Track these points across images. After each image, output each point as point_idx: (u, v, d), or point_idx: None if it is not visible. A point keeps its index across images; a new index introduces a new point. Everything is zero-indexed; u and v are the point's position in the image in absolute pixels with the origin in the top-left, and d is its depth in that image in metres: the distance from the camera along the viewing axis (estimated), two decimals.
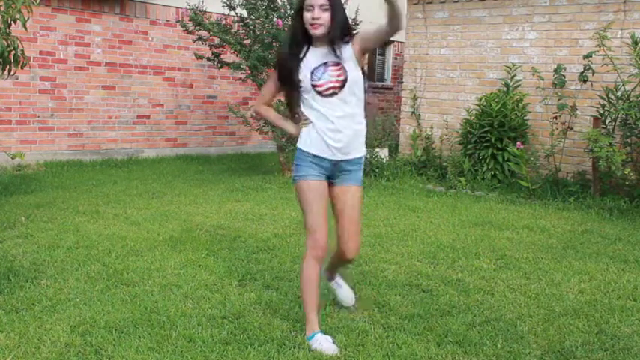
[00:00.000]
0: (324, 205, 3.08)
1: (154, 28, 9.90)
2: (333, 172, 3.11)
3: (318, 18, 2.95)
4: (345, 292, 3.58)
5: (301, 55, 3.08)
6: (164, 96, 10.11)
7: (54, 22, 8.78)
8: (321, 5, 2.96)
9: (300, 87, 3.06)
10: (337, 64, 3.02)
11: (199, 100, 10.58)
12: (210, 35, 8.42)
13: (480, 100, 8.28)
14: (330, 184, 3.14)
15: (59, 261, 4.28)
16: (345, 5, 3.14)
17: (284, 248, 4.82)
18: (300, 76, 3.05)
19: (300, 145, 3.10)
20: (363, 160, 3.18)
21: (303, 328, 3.24)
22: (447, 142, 9.04)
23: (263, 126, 8.59)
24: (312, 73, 3.02)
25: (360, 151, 3.14)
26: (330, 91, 3.00)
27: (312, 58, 3.05)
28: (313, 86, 3.03)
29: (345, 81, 3.00)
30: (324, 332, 3.13)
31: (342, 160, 3.08)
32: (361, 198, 3.19)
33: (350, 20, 3.35)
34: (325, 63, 3.02)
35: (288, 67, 3.09)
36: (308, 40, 3.07)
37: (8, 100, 8.44)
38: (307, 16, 2.98)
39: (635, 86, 7.04)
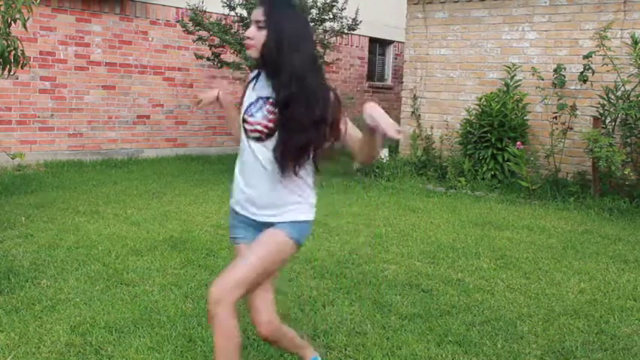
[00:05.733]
0: None
1: (154, 28, 9.89)
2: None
3: (252, 38, 2.28)
4: None
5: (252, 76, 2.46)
6: (164, 96, 10.11)
7: (54, 22, 8.77)
8: (257, 21, 2.28)
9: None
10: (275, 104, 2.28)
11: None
12: (210, 35, 8.42)
13: (480, 100, 8.28)
14: None
15: (59, 261, 4.28)
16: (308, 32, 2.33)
17: None
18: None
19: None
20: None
21: (303, 327, 3.25)
22: (447, 142, 9.04)
23: None
24: (250, 104, 2.37)
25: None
26: (256, 135, 2.32)
27: (258, 86, 2.39)
28: (243, 121, 2.37)
29: (274, 130, 2.27)
30: None
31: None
32: (275, 243, 2.33)
33: (315, 54, 2.41)
34: (267, 98, 2.32)
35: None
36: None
37: (8, 100, 8.44)
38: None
39: (635, 86, 7.05)
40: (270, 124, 2.27)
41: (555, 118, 7.85)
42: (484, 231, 5.66)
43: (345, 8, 8.68)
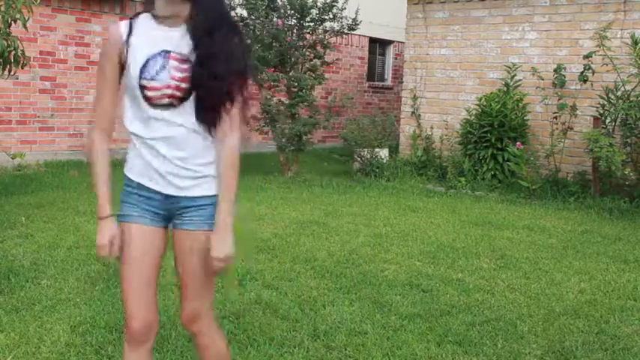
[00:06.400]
0: (150, 263, 2.16)
1: None
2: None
3: None
4: None
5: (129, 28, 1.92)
6: None
7: (54, 22, 8.77)
8: None
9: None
10: (185, 59, 1.87)
11: None
12: None
13: (480, 100, 8.28)
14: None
15: (59, 261, 4.28)
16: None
17: (284, 248, 4.81)
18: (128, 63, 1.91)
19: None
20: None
21: (303, 327, 3.24)
22: (447, 142, 9.04)
23: (263, 126, 8.59)
24: (144, 64, 1.88)
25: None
26: (166, 101, 1.89)
27: (151, 38, 1.90)
28: (142, 88, 1.89)
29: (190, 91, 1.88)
30: None
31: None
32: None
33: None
34: (166, 52, 1.88)
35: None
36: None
37: (8, 100, 8.44)
38: None
39: (635, 86, 7.04)
40: (183, 85, 1.86)
41: (555, 118, 7.85)
42: (484, 231, 5.66)
43: (345, 8, 8.67)
